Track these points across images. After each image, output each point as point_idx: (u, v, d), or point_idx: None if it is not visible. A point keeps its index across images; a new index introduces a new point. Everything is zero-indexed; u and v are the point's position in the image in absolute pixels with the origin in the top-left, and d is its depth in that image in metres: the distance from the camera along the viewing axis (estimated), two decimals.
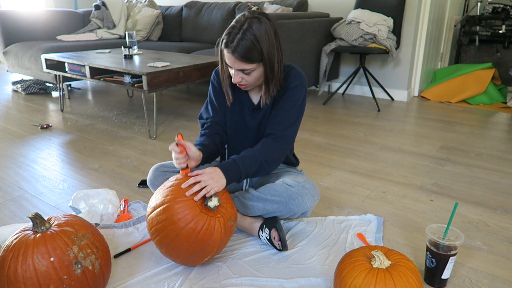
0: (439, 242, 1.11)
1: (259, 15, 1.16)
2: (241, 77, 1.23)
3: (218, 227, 1.13)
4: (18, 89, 3.80)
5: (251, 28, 1.13)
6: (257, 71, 1.21)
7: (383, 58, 3.47)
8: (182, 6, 4.35)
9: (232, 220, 1.19)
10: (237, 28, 1.14)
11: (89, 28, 4.29)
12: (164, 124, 2.78)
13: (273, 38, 1.17)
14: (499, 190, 1.78)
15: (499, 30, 3.92)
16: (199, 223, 1.10)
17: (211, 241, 1.13)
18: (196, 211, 1.11)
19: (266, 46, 1.15)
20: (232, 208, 1.21)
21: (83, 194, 1.53)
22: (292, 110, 1.30)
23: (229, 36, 1.15)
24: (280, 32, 1.22)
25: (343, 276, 1.00)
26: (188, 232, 1.10)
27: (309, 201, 1.30)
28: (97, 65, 2.55)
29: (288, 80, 1.30)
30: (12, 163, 2.10)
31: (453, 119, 2.88)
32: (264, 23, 1.15)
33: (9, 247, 0.97)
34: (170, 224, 1.10)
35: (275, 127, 1.30)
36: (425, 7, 3.30)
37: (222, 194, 1.20)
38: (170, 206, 1.11)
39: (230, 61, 1.19)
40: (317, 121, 2.84)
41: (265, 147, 1.28)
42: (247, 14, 1.17)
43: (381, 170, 2.01)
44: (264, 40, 1.14)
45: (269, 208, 1.32)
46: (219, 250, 1.20)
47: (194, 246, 1.12)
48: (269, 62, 1.19)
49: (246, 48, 1.13)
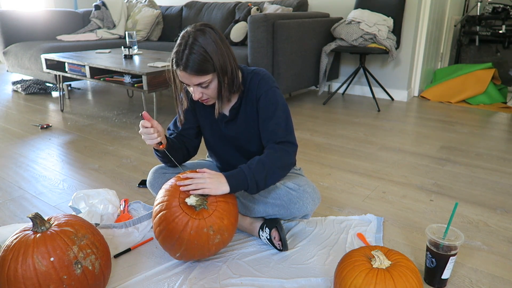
0: (439, 242, 1.11)
1: (201, 26, 1.16)
2: (201, 92, 1.21)
3: (189, 227, 1.11)
4: (18, 89, 3.80)
5: (197, 41, 1.13)
6: (214, 82, 1.20)
7: (383, 58, 3.47)
8: (182, 6, 4.35)
9: (212, 230, 1.13)
10: (183, 45, 1.14)
11: (89, 28, 4.29)
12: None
13: (220, 45, 1.16)
14: (499, 190, 1.78)
15: (499, 30, 3.92)
16: (173, 214, 1.13)
17: (179, 236, 1.12)
18: (175, 202, 1.15)
19: (215, 55, 1.14)
20: (219, 219, 1.15)
21: (83, 194, 1.53)
22: (276, 114, 1.27)
23: (177, 55, 1.15)
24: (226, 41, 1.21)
25: (343, 276, 1.00)
26: (162, 217, 1.15)
27: (310, 205, 1.30)
28: (97, 65, 2.55)
29: (255, 88, 1.28)
30: (12, 163, 2.10)
31: (453, 119, 2.88)
32: (208, 33, 1.14)
33: (9, 247, 0.97)
34: (160, 202, 1.18)
35: (272, 137, 1.28)
36: (425, 7, 3.30)
37: (217, 203, 1.16)
38: (166, 189, 1.19)
39: (185, 79, 1.18)
40: (317, 121, 2.84)
41: (271, 152, 1.25)
42: (189, 29, 1.16)
43: (381, 170, 2.01)
44: (211, 49, 1.14)
45: (270, 211, 1.33)
46: (188, 253, 1.16)
47: (164, 233, 1.15)
48: (221, 70, 1.17)
49: (197, 61, 1.13)
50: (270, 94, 1.27)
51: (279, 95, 1.29)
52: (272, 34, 2.92)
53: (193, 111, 1.41)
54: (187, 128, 1.43)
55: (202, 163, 1.57)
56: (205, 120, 1.41)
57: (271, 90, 1.28)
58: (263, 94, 1.27)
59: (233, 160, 1.42)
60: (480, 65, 3.48)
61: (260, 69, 1.32)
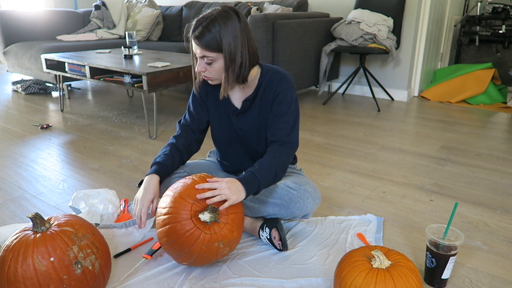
0: (439, 242, 1.11)
1: (229, 9, 1.20)
2: (204, 67, 1.24)
3: (200, 242, 1.10)
4: (18, 89, 3.80)
5: (216, 19, 1.17)
6: (218, 62, 1.21)
7: (383, 58, 3.47)
8: (182, 6, 4.35)
9: (223, 244, 1.13)
10: (205, 18, 1.19)
11: (89, 28, 4.29)
12: (164, 124, 2.78)
13: (237, 32, 1.18)
14: (499, 190, 1.78)
15: (499, 30, 3.92)
16: (184, 227, 1.10)
17: (189, 250, 1.11)
18: (186, 215, 1.11)
19: (227, 38, 1.17)
20: (230, 232, 1.14)
21: (83, 194, 1.53)
22: (288, 113, 1.30)
23: (196, 24, 1.20)
24: (252, 31, 1.24)
25: (343, 276, 1.00)
26: (172, 229, 1.11)
27: (310, 204, 1.30)
28: (97, 65, 2.55)
29: (274, 84, 1.30)
30: (12, 163, 2.10)
31: (453, 119, 2.88)
32: (231, 17, 1.18)
33: (9, 247, 0.97)
34: (167, 213, 1.13)
35: (277, 134, 1.30)
36: (425, 7, 3.30)
37: (228, 216, 1.15)
38: (175, 197, 1.14)
39: (194, 47, 1.22)
40: (317, 121, 2.84)
41: (276, 155, 1.28)
42: (219, 8, 1.20)
43: (381, 170, 2.01)
44: (225, 32, 1.17)
45: (270, 210, 1.33)
46: (196, 263, 1.16)
47: (173, 245, 1.12)
48: (229, 54, 1.19)
49: (208, 35, 1.17)
50: (289, 94, 1.31)
51: (295, 97, 1.33)
52: (272, 34, 2.92)
53: (203, 104, 1.42)
54: (196, 121, 1.43)
55: (203, 163, 1.57)
56: (216, 113, 1.41)
57: (290, 90, 1.31)
58: (282, 92, 1.30)
59: (239, 157, 1.44)
60: (480, 65, 3.48)
61: (282, 69, 1.36)
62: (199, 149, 1.49)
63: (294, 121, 1.32)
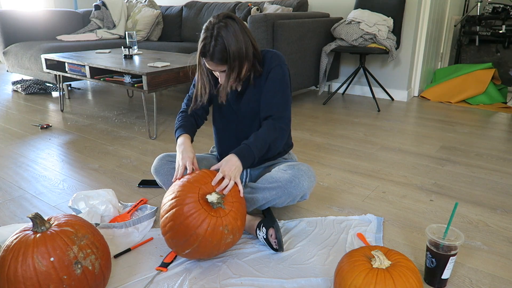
0: (439, 242, 1.11)
1: (224, 18, 1.24)
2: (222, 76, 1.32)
3: (206, 224, 1.13)
4: (18, 89, 3.80)
5: (220, 34, 1.23)
6: None
7: (383, 58, 3.47)
8: (182, 6, 4.35)
9: (227, 230, 1.16)
10: (209, 37, 1.24)
11: (89, 28, 4.29)
12: (164, 124, 2.78)
13: (240, 37, 1.25)
14: (499, 190, 1.78)
15: (499, 30, 3.92)
16: (191, 209, 1.13)
17: (194, 232, 1.12)
18: (193, 198, 1.15)
19: (234, 47, 1.24)
20: (234, 220, 1.18)
21: (83, 196, 1.53)
22: (280, 89, 1.36)
23: (204, 47, 1.25)
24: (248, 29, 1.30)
25: (343, 276, 1.00)
26: (177, 212, 1.13)
27: (306, 181, 1.35)
28: (97, 65, 2.55)
29: (265, 63, 1.37)
30: (12, 163, 2.10)
31: (453, 119, 2.88)
32: (230, 26, 1.24)
33: (9, 247, 0.97)
34: (174, 197, 1.16)
35: (270, 110, 1.36)
36: (425, 7, 3.30)
37: (233, 204, 1.20)
38: (182, 183, 1.19)
39: (211, 66, 1.30)
40: (317, 121, 2.84)
41: (270, 128, 1.34)
42: (213, 20, 1.25)
43: (381, 170, 2.01)
44: (232, 42, 1.23)
45: (268, 196, 1.36)
46: (199, 250, 1.16)
47: (178, 229, 1.14)
48: (239, 58, 1.26)
49: (220, 52, 1.24)
50: (280, 70, 1.37)
51: (287, 73, 1.39)
52: (272, 34, 2.92)
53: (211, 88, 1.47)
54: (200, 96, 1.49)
55: (207, 156, 1.63)
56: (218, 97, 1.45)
57: (281, 66, 1.37)
58: (274, 68, 1.36)
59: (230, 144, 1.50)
60: (480, 65, 3.48)
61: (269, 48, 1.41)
62: (202, 124, 1.55)
63: (286, 97, 1.38)
